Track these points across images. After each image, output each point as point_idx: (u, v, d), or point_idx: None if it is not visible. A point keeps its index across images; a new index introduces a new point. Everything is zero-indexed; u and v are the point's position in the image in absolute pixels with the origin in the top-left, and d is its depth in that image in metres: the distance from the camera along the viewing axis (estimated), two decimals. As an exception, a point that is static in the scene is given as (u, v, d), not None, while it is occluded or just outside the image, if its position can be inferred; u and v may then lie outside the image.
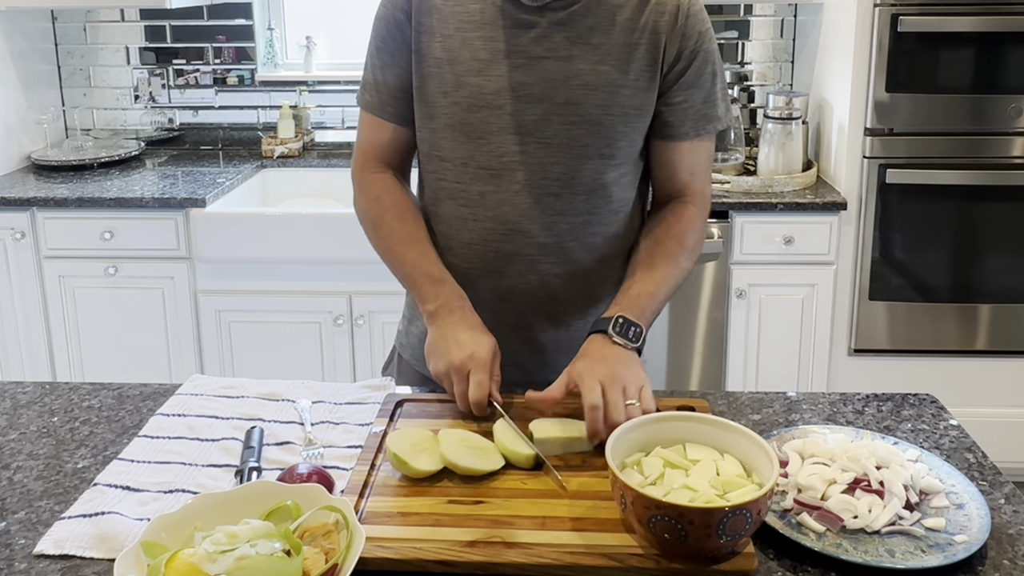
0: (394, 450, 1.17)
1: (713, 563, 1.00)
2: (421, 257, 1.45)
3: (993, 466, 1.25)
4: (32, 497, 1.19)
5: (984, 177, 2.79)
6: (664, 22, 1.40)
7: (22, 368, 3.01)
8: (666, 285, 1.43)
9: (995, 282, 2.87)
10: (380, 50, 1.47)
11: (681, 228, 1.48)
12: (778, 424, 1.36)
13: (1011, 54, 2.72)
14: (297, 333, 2.92)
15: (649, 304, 1.40)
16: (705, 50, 1.43)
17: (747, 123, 3.35)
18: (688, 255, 1.47)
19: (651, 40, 1.40)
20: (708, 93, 1.45)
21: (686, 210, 1.49)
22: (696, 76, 1.43)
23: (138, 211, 2.86)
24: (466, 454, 1.19)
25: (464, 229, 1.47)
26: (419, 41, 1.43)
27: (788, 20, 3.33)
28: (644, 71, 1.41)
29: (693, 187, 1.50)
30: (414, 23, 1.43)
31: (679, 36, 1.41)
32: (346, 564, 0.95)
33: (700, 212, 1.50)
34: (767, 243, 2.82)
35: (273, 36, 3.47)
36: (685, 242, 1.47)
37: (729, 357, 2.93)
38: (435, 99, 1.43)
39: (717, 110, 1.47)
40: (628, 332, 1.34)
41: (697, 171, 1.49)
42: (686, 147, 1.47)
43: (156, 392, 1.47)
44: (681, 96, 1.44)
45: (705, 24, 1.43)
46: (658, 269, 1.43)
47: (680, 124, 1.45)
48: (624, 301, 1.40)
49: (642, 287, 1.41)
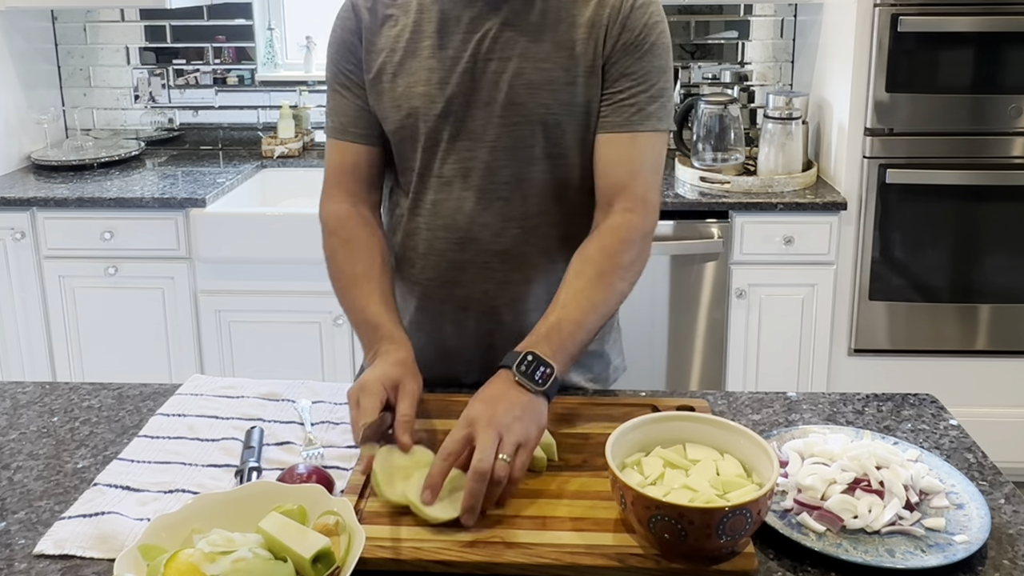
0: (376, 468, 1.13)
1: (713, 563, 1.01)
2: (362, 302, 1.36)
3: (993, 466, 1.25)
4: (32, 497, 1.19)
5: (984, 177, 2.79)
6: (606, 14, 1.37)
7: (22, 368, 3.01)
8: (595, 313, 1.29)
9: (995, 282, 2.87)
10: (336, 75, 1.47)
11: (617, 243, 1.34)
12: (778, 424, 1.36)
13: (1011, 54, 2.72)
14: (297, 333, 2.92)
15: (573, 335, 1.25)
16: (652, 43, 1.37)
17: (747, 123, 3.35)
18: (624, 274, 1.33)
19: (594, 34, 1.37)
20: (652, 89, 1.38)
21: (625, 221, 1.35)
22: (637, 69, 1.37)
23: (138, 211, 2.86)
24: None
25: (419, 240, 1.45)
26: (371, 61, 1.43)
27: (788, 20, 3.33)
28: (588, 67, 1.38)
29: (634, 189, 1.36)
30: (365, 43, 1.43)
31: (620, 28, 1.37)
32: (346, 564, 0.95)
33: (642, 222, 1.36)
34: (767, 243, 2.82)
35: (273, 36, 3.47)
36: (620, 260, 1.33)
37: (729, 357, 2.93)
38: (389, 114, 1.42)
39: (659, 108, 1.38)
40: (535, 374, 1.19)
41: (639, 171, 1.37)
42: (624, 140, 1.37)
43: (156, 392, 1.47)
44: (620, 86, 1.37)
45: (653, 18, 1.38)
46: (587, 293, 1.29)
47: (616, 116, 1.37)
48: (543, 331, 1.25)
49: (566, 314, 1.27)
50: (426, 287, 1.46)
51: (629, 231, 1.35)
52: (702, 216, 2.82)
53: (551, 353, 1.22)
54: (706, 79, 3.37)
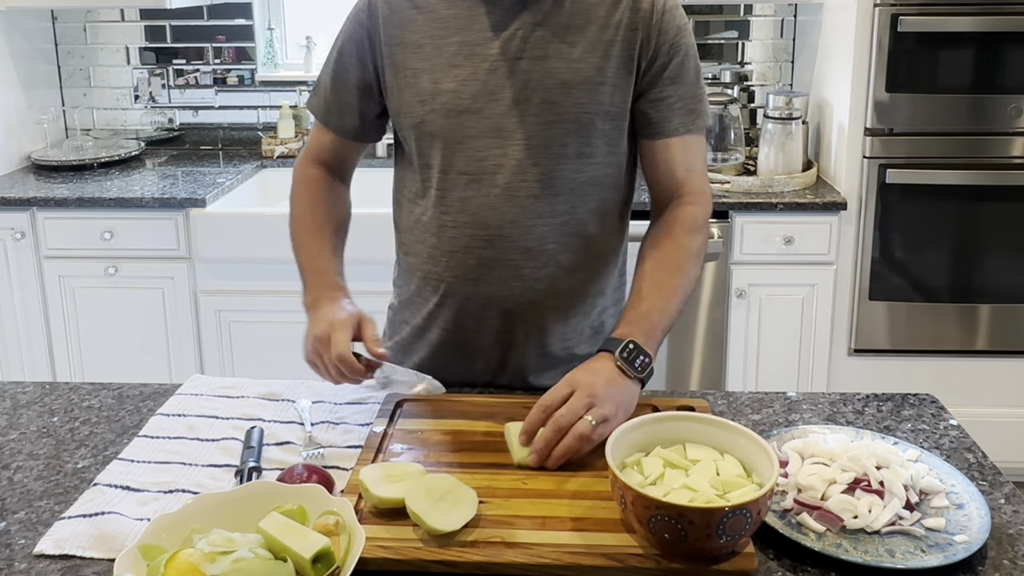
0: (361, 478, 1.12)
1: (713, 563, 1.01)
2: (315, 249, 1.47)
3: (993, 466, 1.25)
4: (32, 497, 1.19)
5: (984, 177, 2.79)
6: (640, 18, 1.39)
7: (22, 368, 3.01)
8: (676, 298, 1.39)
9: (995, 282, 2.87)
10: (336, 61, 1.49)
11: (685, 233, 1.44)
12: (778, 424, 1.36)
13: (1011, 54, 2.72)
14: (297, 333, 2.89)
15: (659, 321, 1.35)
16: (686, 45, 1.42)
17: (747, 123, 3.35)
18: (695, 261, 1.44)
19: (627, 37, 1.39)
20: (693, 89, 1.43)
21: (687, 212, 1.45)
22: (679, 72, 1.42)
23: (138, 211, 2.86)
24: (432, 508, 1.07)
25: (445, 237, 1.45)
26: (393, 55, 1.43)
27: (788, 20, 3.33)
28: (621, 68, 1.40)
29: (690, 184, 1.46)
30: (385, 38, 1.43)
31: (656, 31, 1.39)
32: (346, 564, 0.95)
33: (702, 211, 1.47)
34: (767, 243, 2.82)
35: (273, 36, 3.47)
36: (691, 247, 1.43)
37: (729, 357, 2.93)
38: (412, 109, 1.42)
39: (703, 106, 1.45)
40: (635, 361, 1.29)
41: (693, 168, 1.46)
42: (677, 143, 1.44)
43: (156, 392, 1.47)
44: (666, 92, 1.42)
45: (683, 19, 1.42)
46: (666, 281, 1.39)
47: (667, 121, 1.43)
48: (635, 319, 1.35)
49: (652, 303, 1.36)
50: (451, 284, 1.46)
51: (694, 220, 1.45)
52: (702, 216, 2.82)
53: (645, 341, 1.32)
54: (706, 79, 3.37)
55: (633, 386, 1.29)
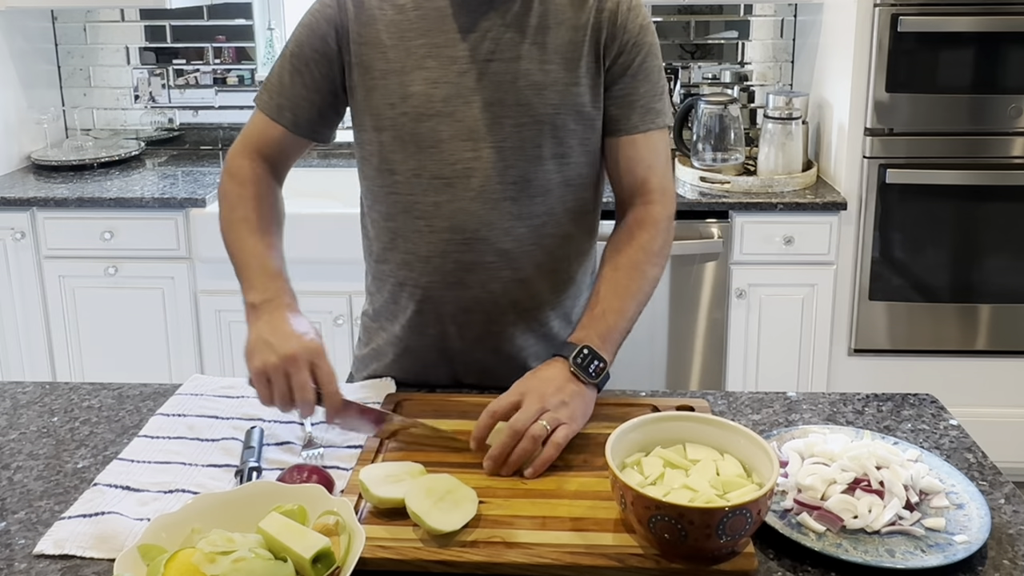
0: (361, 478, 1.12)
1: (713, 563, 1.01)
2: (264, 249, 1.38)
3: (993, 466, 1.25)
4: (32, 497, 1.19)
5: (984, 177, 2.79)
6: (604, 17, 1.39)
7: (22, 368, 3.01)
8: (634, 300, 1.38)
9: (995, 282, 2.87)
10: (294, 55, 1.44)
11: (645, 233, 1.42)
12: (778, 424, 1.36)
13: (1011, 54, 2.72)
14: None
15: (617, 323, 1.35)
16: (648, 43, 1.42)
17: (747, 123, 3.35)
18: (655, 261, 1.42)
19: (593, 36, 1.39)
20: (653, 87, 1.43)
21: (649, 212, 1.43)
22: (639, 69, 1.41)
23: (138, 211, 2.86)
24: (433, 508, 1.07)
25: (421, 242, 1.43)
26: (360, 54, 1.40)
27: (788, 20, 3.33)
28: (590, 68, 1.39)
29: (652, 183, 1.44)
30: (353, 35, 1.40)
31: (620, 30, 1.39)
32: (346, 564, 0.95)
33: (664, 211, 1.44)
34: (767, 243, 2.82)
35: (273, 36, 3.47)
36: (651, 247, 1.42)
37: (729, 357, 2.93)
38: (382, 111, 1.40)
39: (664, 103, 1.45)
40: (589, 367, 1.29)
41: (655, 165, 1.44)
42: (639, 140, 1.43)
43: (156, 392, 1.47)
44: (627, 89, 1.41)
45: (646, 19, 1.42)
46: (624, 284, 1.38)
47: (627, 118, 1.42)
48: (590, 323, 1.34)
49: (608, 304, 1.36)
50: (427, 289, 1.45)
51: (654, 220, 1.43)
52: (702, 216, 2.82)
53: (601, 345, 1.31)
54: (706, 79, 3.37)
55: (588, 391, 1.28)
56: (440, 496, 1.08)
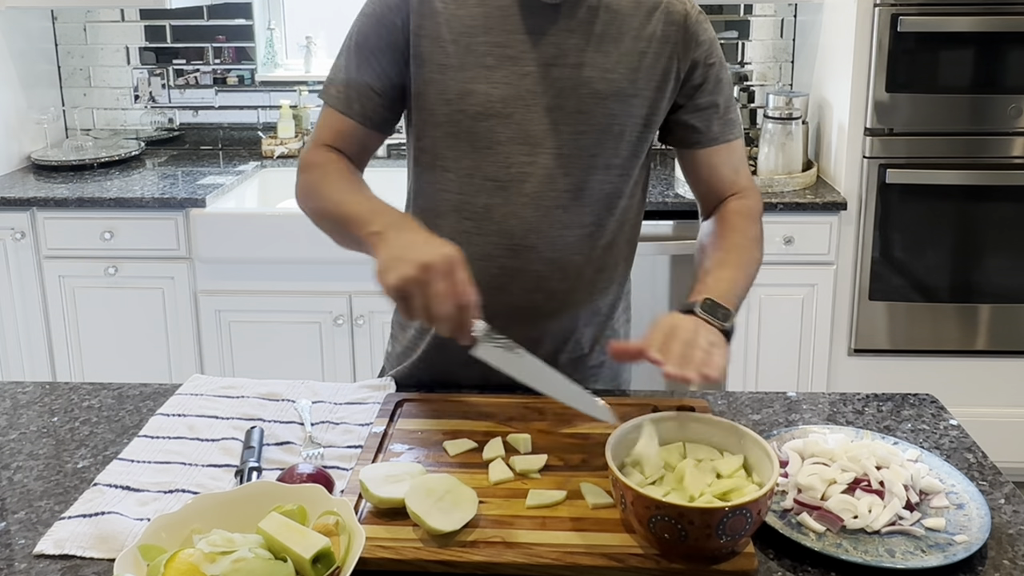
0: (361, 478, 1.12)
1: (713, 563, 1.01)
2: (368, 197, 1.33)
3: (993, 466, 1.25)
4: (32, 497, 1.19)
5: (984, 177, 2.79)
6: (673, 31, 1.38)
7: (22, 368, 3.01)
8: (743, 272, 1.37)
9: (995, 282, 2.87)
10: (360, 47, 1.40)
11: (742, 220, 1.45)
12: (778, 424, 1.36)
13: (1011, 54, 2.72)
14: (297, 333, 2.92)
15: (730, 289, 1.32)
16: (718, 55, 1.43)
17: (747, 123, 3.35)
18: (757, 244, 1.44)
19: (659, 49, 1.38)
20: (728, 98, 1.46)
21: (741, 203, 1.47)
22: (716, 81, 1.43)
23: (138, 211, 2.86)
24: (433, 508, 1.07)
25: (467, 244, 1.31)
26: (419, 45, 1.37)
27: (788, 20, 3.33)
28: (652, 80, 1.39)
29: (740, 183, 1.48)
30: (413, 26, 1.37)
31: (692, 43, 1.39)
32: (346, 564, 0.95)
33: (757, 205, 1.49)
34: (767, 243, 2.79)
35: (273, 36, 3.47)
36: (751, 232, 1.44)
37: (729, 357, 2.92)
38: (436, 107, 1.37)
39: (738, 115, 1.49)
40: (716, 312, 1.26)
41: (738, 168, 1.49)
42: (722, 150, 1.46)
43: (156, 392, 1.47)
44: (706, 101, 1.43)
45: (711, 31, 1.43)
46: (731, 257, 1.39)
47: (708, 129, 1.44)
48: (703, 289, 1.31)
49: (720, 274, 1.35)
50: None
51: (750, 209, 1.47)
52: (702, 216, 2.82)
53: (722, 298, 1.28)
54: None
55: (718, 332, 1.24)
56: (440, 496, 1.08)
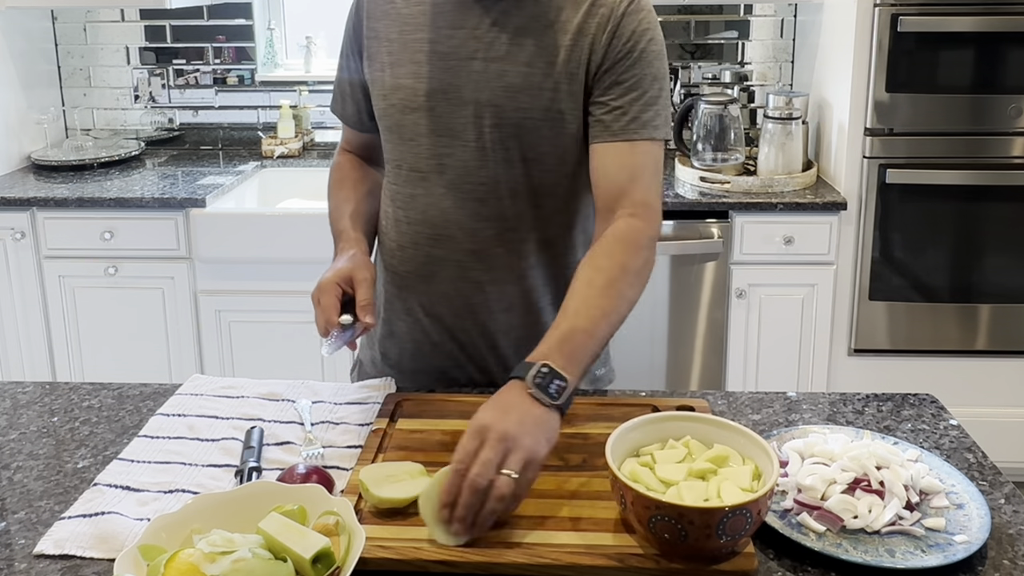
0: (361, 478, 1.12)
1: (713, 563, 1.01)
2: (339, 213, 1.50)
3: (993, 466, 1.25)
4: (32, 497, 1.19)
5: (984, 177, 2.79)
6: (596, 22, 1.35)
7: (22, 368, 3.01)
8: (606, 321, 1.25)
9: (995, 282, 2.87)
10: (342, 54, 1.53)
11: (624, 249, 1.31)
12: (778, 424, 1.36)
13: (1011, 54, 2.72)
14: (297, 333, 2.92)
15: (584, 345, 1.21)
16: (642, 50, 1.35)
17: (747, 123, 3.35)
18: (633, 280, 1.30)
19: (580, 42, 1.36)
20: (645, 96, 1.36)
21: (630, 226, 1.33)
22: (629, 77, 1.35)
23: (138, 211, 2.86)
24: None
25: (397, 231, 1.48)
26: (370, 47, 1.46)
27: (788, 20, 3.33)
28: (570, 73, 1.36)
29: (634, 195, 1.34)
30: (366, 29, 1.46)
31: (610, 36, 1.35)
32: (346, 564, 0.95)
33: (646, 227, 1.34)
34: (767, 243, 2.82)
35: (273, 36, 3.47)
36: (629, 266, 1.30)
37: (729, 357, 2.93)
38: (377, 102, 1.46)
39: (658, 115, 1.36)
40: (548, 386, 1.14)
41: (640, 177, 1.35)
42: (623, 148, 1.35)
43: (156, 392, 1.47)
44: (613, 96, 1.35)
45: (643, 25, 1.36)
46: (597, 301, 1.26)
47: (612, 124, 1.35)
48: (555, 342, 1.20)
49: (577, 322, 1.22)
50: (404, 278, 1.49)
51: (636, 236, 1.33)
52: (702, 216, 2.82)
53: (564, 364, 1.17)
54: (706, 79, 3.37)
55: (551, 415, 1.13)
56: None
